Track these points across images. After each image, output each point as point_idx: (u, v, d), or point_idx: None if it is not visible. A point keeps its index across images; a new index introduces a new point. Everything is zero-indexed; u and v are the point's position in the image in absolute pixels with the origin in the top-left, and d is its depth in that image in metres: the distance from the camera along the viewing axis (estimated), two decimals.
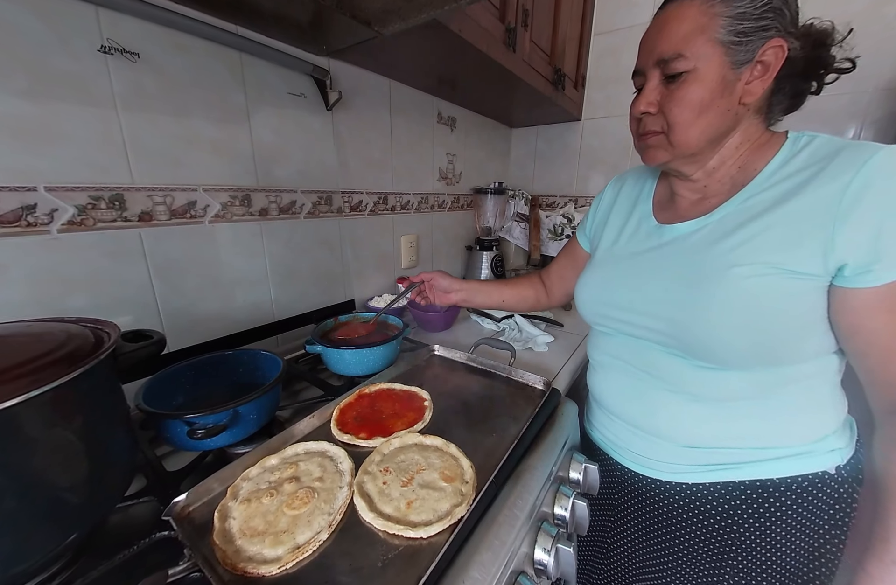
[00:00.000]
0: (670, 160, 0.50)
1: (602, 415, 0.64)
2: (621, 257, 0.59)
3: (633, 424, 0.57)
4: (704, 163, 0.50)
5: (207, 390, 0.59)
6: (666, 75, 0.45)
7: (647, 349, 0.54)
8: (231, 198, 0.74)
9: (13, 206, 0.51)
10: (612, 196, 0.69)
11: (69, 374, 0.32)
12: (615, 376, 0.59)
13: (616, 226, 0.63)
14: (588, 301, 0.62)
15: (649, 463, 0.56)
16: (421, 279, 0.79)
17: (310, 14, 0.66)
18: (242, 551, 0.35)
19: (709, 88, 0.43)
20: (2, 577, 0.30)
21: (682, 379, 0.51)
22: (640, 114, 0.49)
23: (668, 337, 0.50)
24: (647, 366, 0.54)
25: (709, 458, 0.52)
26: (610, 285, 0.59)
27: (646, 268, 0.54)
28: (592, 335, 0.66)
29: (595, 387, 0.65)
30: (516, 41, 0.93)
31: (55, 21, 0.51)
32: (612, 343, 0.60)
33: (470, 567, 0.37)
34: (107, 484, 0.37)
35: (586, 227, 0.73)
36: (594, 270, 0.64)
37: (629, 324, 0.55)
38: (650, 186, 0.62)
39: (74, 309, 0.57)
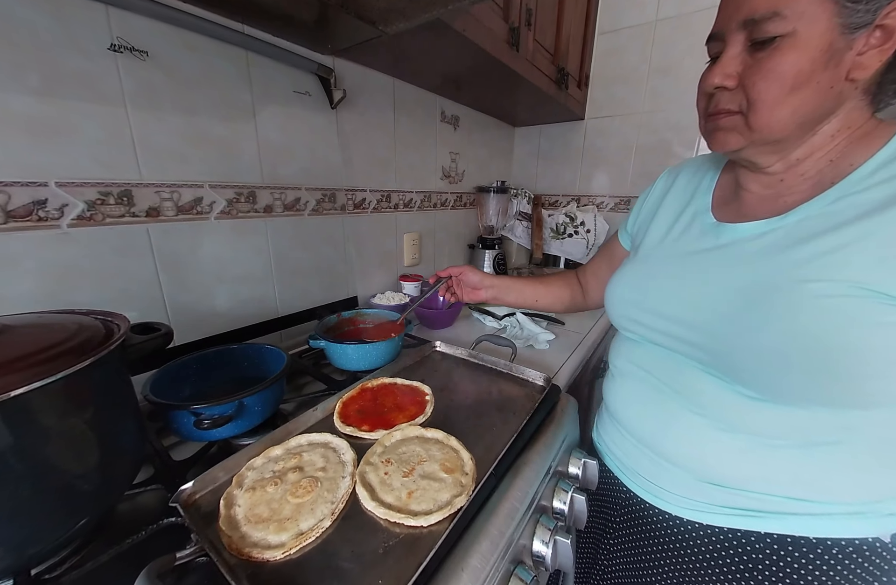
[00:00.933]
0: (744, 146, 0.40)
1: (613, 428, 0.57)
2: (667, 256, 0.51)
3: (647, 445, 0.50)
4: (788, 152, 0.41)
5: (213, 383, 0.60)
6: (753, 40, 0.36)
7: (680, 364, 0.46)
8: (237, 194, 0.75)
9: (25, 201, 0.52)
10: (663, 188, 0.60)
11: (81, 363, 0.33)
12: (635, 387, 0.53)
13: (665, 221, 0.55)
14: (618, 301, 0.55)
15: (658, 492, 0.49)
16: (449, 274, 0.73)
17: (315, 13, 0.67)
18: (247, 537, 0.36)
19: (809, 58, 0.34)
20: (17, 559, 0.31)
21: (716, 404, 0.43)
22: (714, 89, 0.40)
23: (709, 355, 0.42)
24: (675, 383, 0.47)
25: (733, 500, 0.44)
26: (646, 286, 0.51)
27: (694, 272, 0.46)
28: (618, 339, 0.60)
29: (610, 397, 0.58)
30: (520, 40, 0.94)
31: (67, 20, 0.52)
32: (639, 351, 0.53)
33: (469, 555, 0.38)
34: (116, 471, 0.38)
35: (628, 223, 0.65)
36: (631, 267, 0.56)
37: (663, 334, 0.48)
38: (711, 178, 0.53)
39: (83, 302, 0.58)
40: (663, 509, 0.49)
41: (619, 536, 0.58)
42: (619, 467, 0.56)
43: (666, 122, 1.36)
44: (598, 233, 1.49)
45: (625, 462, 0.55)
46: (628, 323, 0.54)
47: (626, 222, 0.66)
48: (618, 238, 0.68)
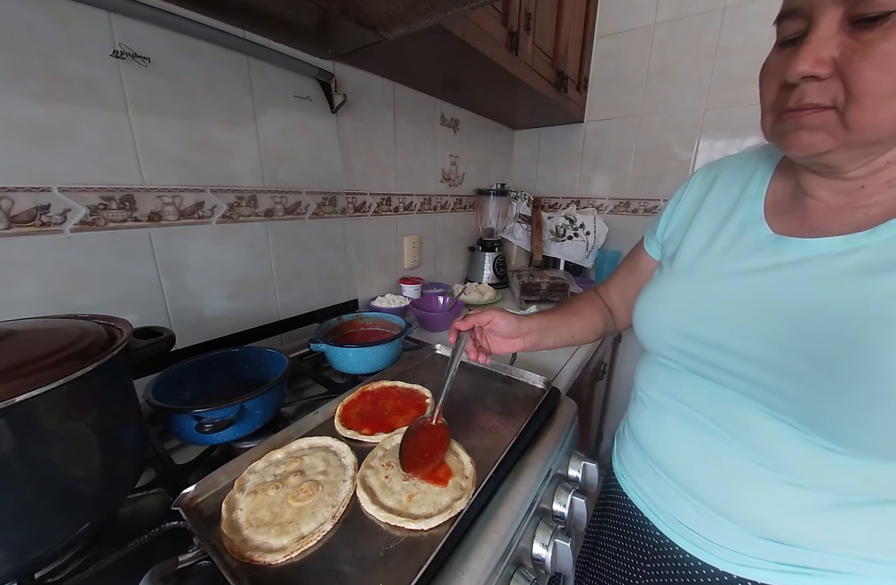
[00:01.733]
0: (835, 148, 0.32)
1: (643, 465, 0.50)
2: (714, 274, 0.43)
3: (691, 492, 0.43)
4: (878, 154, 0.33)
5: (214, 386, 0.60)
6: (858, 17, 0.28)
7: (738, 403, 0.39)
8: (238, 198, 0.75)
9: (28, 206, 0.53)
10: (700, 190, 0.51)
11: (84, 369, 0.33)
12: (675, 424, 0.45)
13: (705, 229, 0.47)
14: (655, 326, 0.47)
15: (703, 544, 0.43)
16: (471, 325, 0.57)
17: (315, 19, 0.67)
18: (249, 540, 0.36)
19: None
20: (20, 562, 0.31)
21: (786, 455, 0.36)
22: (800, 79, 0.31)
23: (784, 401, 0.35)
24: (730, 425, 0.40)
25: (796, 557, 0.38)
26: (691, 310, 0.44)
27: (754, 295, 0.39)
28: (648, 363, 0.52)
29: (641, 430, 0.51)
30: (519, 44, 0.94)
31: (70, 26, 0.53)
32: (678, 382, 0.46)
33: (469, 558, 0.38)
34: (119, 475, 0.38)
35: (658, 229, 0.56)
36: (668, 285, 0.48)
37: (716, 368, 0.41)
38: (761, 180, 0.45)
39: (85, 306, 0.58)
40: (707, 562, 0.42)
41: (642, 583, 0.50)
42: (652, 509, 0.49)
43: (665, 125, 1.37)
44: (597, 236, 1.50)
45: (660, 504, 0.47)
46: (668, 350, 0.46)
47: (653, 228, 0.58)
48: (643, 246, 0.59)
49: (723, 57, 1.22)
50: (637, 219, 1.50)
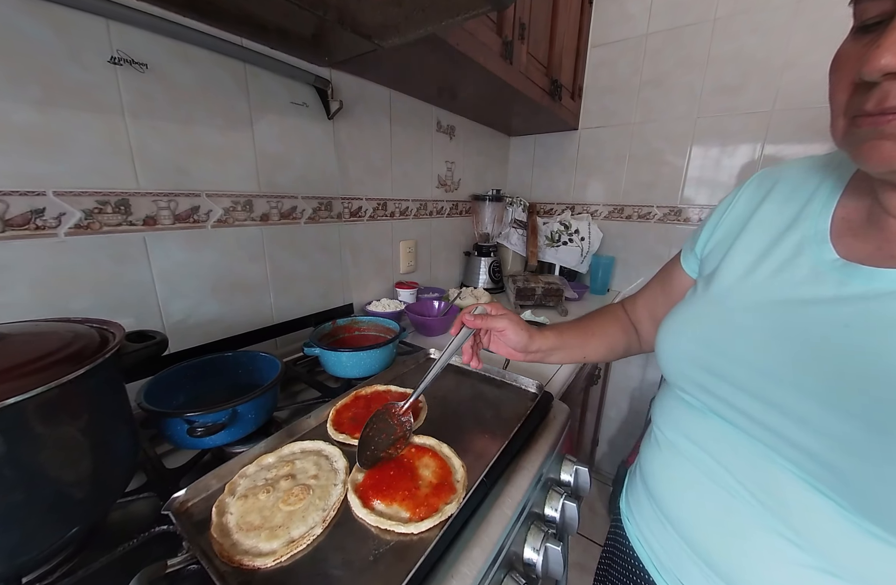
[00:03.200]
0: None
1: (650, 513, 0.44)
2: (757, 301, 0.36)
3: (702, 557, 0.37)
4: None
5: (207, 390, 0.60)
6: None
7: (770, 463, 0.33)
8: (233, 203, 0.76)
9: (23, 210, 0.53)
10: (752, 200, 0.43)
11: (75, 372, 0.33)
12: (690, 473, 0.39)
13: (754, 247, 0.40)
14: (677, 354, 0.41)
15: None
16: (479, 327, 0.51)
17: (312, 28, 0.68)
18: (239, 544, 0.36)
19: None
20: (8, 567, 0.31)
21: (825, 537, 0.30)
22: (881, 76, 0.24)
23: (826, 470, 0.29)
24: (758, 488, 0.34)
25: None
26: (722, 342, 0.37)
27: (805, 334, 0.32)
28: (667, 395, 0.45)
29: (651, 473, 0.45)
30: (513, 54, 0.96)
31: (68, 33, 0.53)
32: (700, 424, 0.39)
33: (460, 562, 0.38)
34: (109, 479, 0.38)
35: (698, 241, 0.48)
36: (698, 308, 0.41)
37: (742, 414, 0.34)
38: (829, 195, 0.37)
39: (79, 310, 0.58)
40: None
41: None
42: (654, 562, 0.43)
43: (657, 133, 1.39)
44: (592, 241, 1.51)
45: (663, 560, 0.42)
46: (689, 385, 0.40)
47: (693, 241, 0.50)
48: (679, 261, 0.52)
49: (714, 66, 1.25)
50: (632, 225, 1.52)
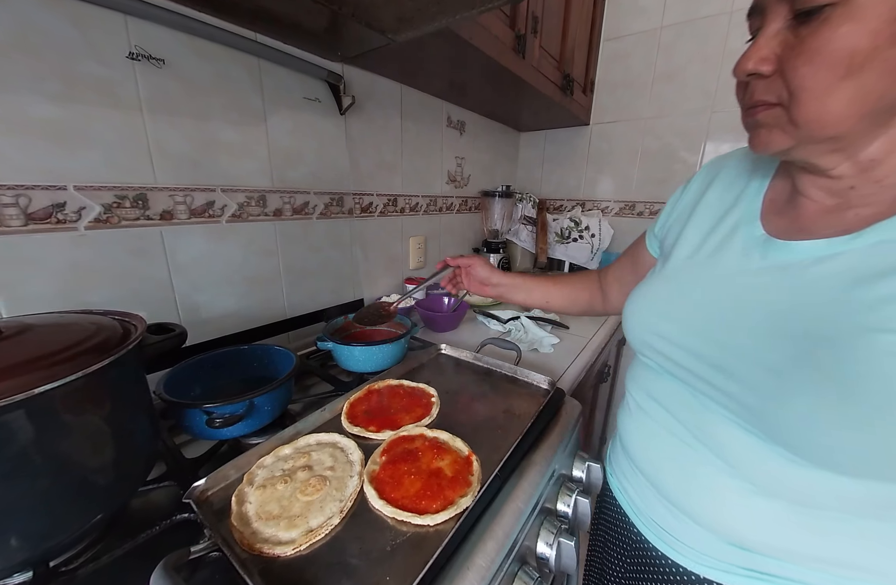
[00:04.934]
0: (793, 146, 0.32)
1: (627, 466, 0.51)
2: (698, 275, 0.43)
3: (665, 495, 0.44)
4: (855, 151, 0.32)
5: (223, 382, 0.61)
6: (797, 12, 0.28)
7: (707, 409, 0.39)
8: (247, 198, 0.76)
9: (44, 204, 0.54)
10: (700, 186, 0.49)
11: (101, 362, 0.34)
12: (652, 428, 0.46)
13: (701, 228, 0.46)
14: (636, 323, 0.48)
15: (675, 544, 0.44)
16: (457, 263, 0.71)
17: (326, 22, 0.68)
18: (259, 533, 0.37)
19: (868, 30, 0.26)
20: (36, 550, 0.32)
21: (750, 466, 0.36)
22: (746, 76, 0.32)
23: (748, 411, 0.34)
24: (699, 431, 0.40)
25: (762, 565, 0.38)
26: (669, 311, 0.43)
27: (730, 300, 0.38)
28: (635, 362, 0.53)
29: (624, 431, 0.52)
30: (526, 47, 0.95)
31: (88, 29, 0.54)
32: (658, 383, 0.46)
33: (475, 554, 0.38)
34: (131, 467, 0.39)
35: (657, 225, 0.56)
36: (655, 284, 0.48)
37: (688, 372, 0.40)
38: (762, 178, 0.43)
39: (97, 302, 0.59)
40: (677, 561, 0.43)
41: (626, 578, 0.52)
42: (633, 509, 0.50)
43: (671, 128, 1.37)
44: (602, 238, 1.50)
45: (639, 505, 0.49)
46: (647, 349, 0.46)
47: (654, 224, 0.57)
48: (644, 241, 0.59)
49: (729, 60, 1.22)
50: (642, 222, 1.50)
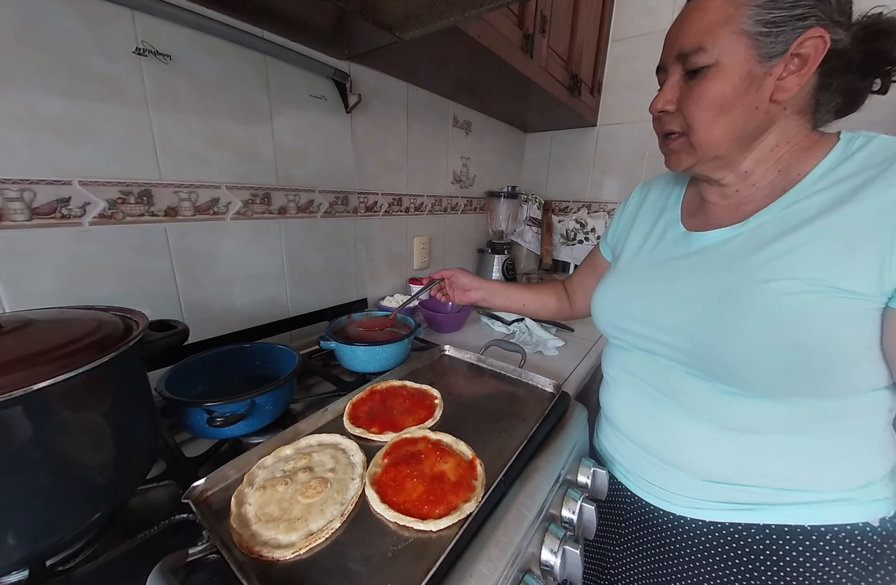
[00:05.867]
0: (695, 164, 0.46)
1: (613, 436, 0.59)
2: (644, 265, 0.55)
3: (647, 450, 0.52)
4: (735, 166, 0.46)
5: (225, 381, 0.60)
6: (687, 70, 0.42)
7: (667, 368, 0.49)
8: (252, 196, 0.76)
9: (49, 199, 0.53)
10: (637, 202, 0.65)
11: (101, 359, 0.33)
12: (629, 394, 0.55)
13: (641, 232, 0.59)
14: (603, 310, 0.58)
15: (662, 494, 0.52)
16: (441, 276, 0.78)
17: (333, 19, 0.68)
18: (258, 535, 0.36)
19: (731, 84, 0.40)
20: (33, 549, 0.31)
21: (703, 405, 0.46)
22: (658, 113, 0.46)
23: (690, 357, 0.45)
24: (665, 388, 0.50)
25: (730, 495, 0.46)
26: (627, 295, 0.55)
27: (668, 279, 0.50)
28: (608, 348, 0.62)
29: (607, 405, 0.61)
30: (534, 47, 0.94)
31: (95, 24, 0.54)
32: (628, 358, 0.56)
33: (478, 561, 0.37)
34: (131, 466, 0.38)
35: (608, 236, 0.69)
36: (613, 278, 0.59)
37: (647, 339, 0.51)
38: (679, 192, 0.58)
39: (101, 298, 0.59)
40: (668, 510, 0.51)
41: (626, 542, 0.59)
42: (624, 473, 0.57)
43: None
44: None
45: (628, 467, 0.56)
46: (615, 330, 0.57)
47: (605, 235, 0.71)
48: (599, 250, 0.72)
49: None
50: None
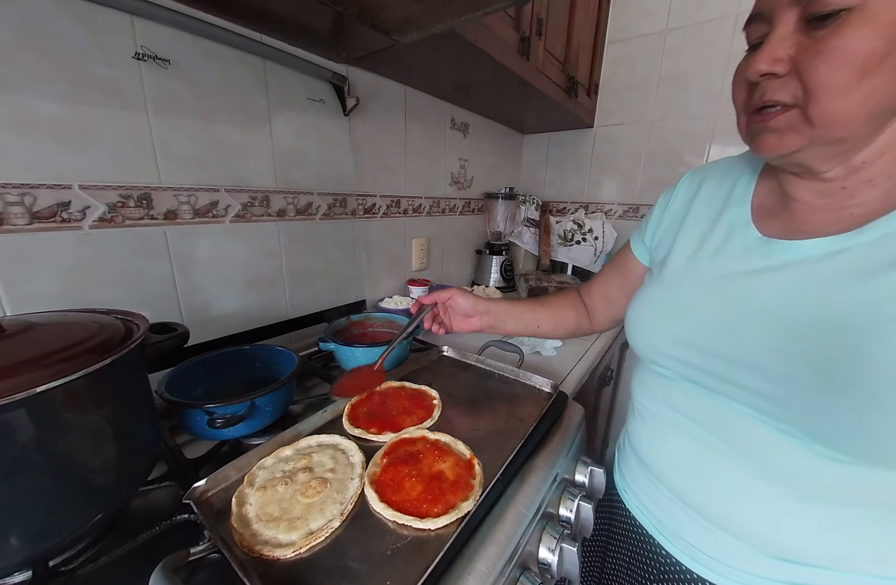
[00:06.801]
0: (803, 147, 0.33)
1: (645, 479, 0.49)
2: (704, 278, 0.43)
3: (692, 506, 0.42)
4: (851, 154, 0.33)
5: (225, 383, 0.61)
6: (811, 16, 0.30)
7: (734, 412, 0.38)
8: (251, 198, 0.76)
9: (49, 203, 0.54)
10: (687, 194, 0.51)
11: (103, 361, 0.33)
12: (673, 436, 0.44)
13: (695, 234, 0.47)
14: (646, 331, 0.47)
15: (707, 562, 0.41)
16: (434, 300, 0.61)
17: (331, 23, 0.68)
18: (259, 535, 0.37)
19: (885, 34, 0.28)
20: (36, 550, 0.32)
21: (788, 468, 0.35)
22: (759, 77, 0.33)
23: (779, 408, 0.34)
24: (728, 436, 0.39)
25: (804, 576, 0.36)
26: (681, 314, 0.43)
27: (744, 299, 0.38)
28: (642, 371, 0.51)
29: (640, 443, 0.50)
30: (530, 50, 0.95)
31: (95, 29, 0.54)
32: (673, 391, 0.45)
33: (476, 560, 0.38)
34: (132, 467, 0.39)
35: (646, 233, 0.55)
36: (659, 289, 0.48)
37: (708, 374, 0.40)
38: (746, 183, 0.45)
39: (101, 301, 0.59)
40: (706, 578, 0.41)
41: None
42: (655, 525, 0.48)
43: (675, 131, 1.37)
44: (606, 241, 1.49)
45: (662, 520, 0.46)
46: (659, 356, 0.45)
47: (641, 233, 0.57)
48: (631, 251, 0.58)
49: (735, 63, 1.21)
50: None
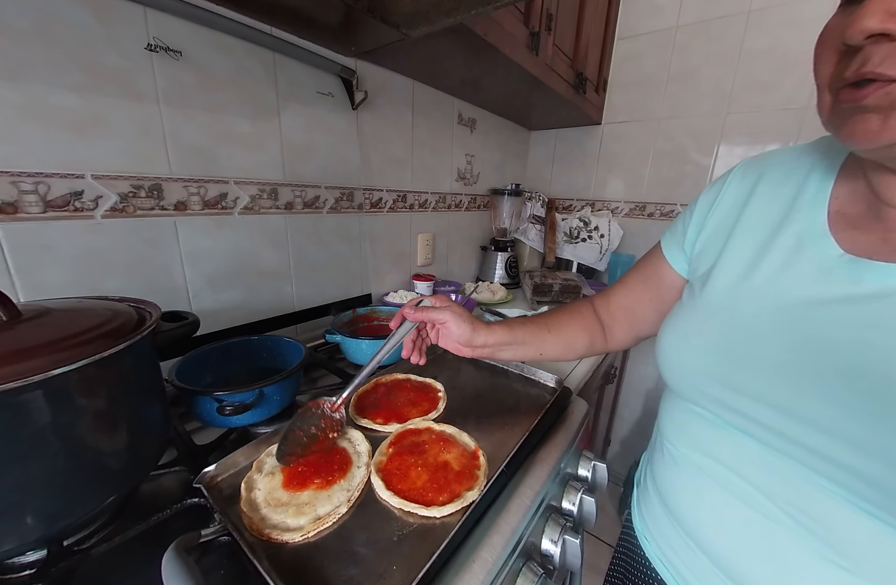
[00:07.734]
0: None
1: (671, 532, 0.41)
2: (765, 303, 0.33)
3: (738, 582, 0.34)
4: None
5: (233, 372, 0.62)
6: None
7: (805, 480, 0.30)
8: (259, 191, 0.77)
9: (63, 192, 0.54)
10: (740, 193, 0.40)
11: (117, 346, 0.34)
12: (718, 495, 0.36)
13: (750, 244, 0.37)
14: (685, 367, 0.38)
15: None
16: (422, 320, 0.49)
17: (341, 17, 0.68)
18: (268, 519, 0.37)
19: None
20: (51, 529, 0.32)
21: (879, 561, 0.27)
22: (865, 40, 0.23)
23: (870, 487, 0.26)
24: (794, 508, 0.30)
25: None
26: (736, 351, 0.34)
27: (827, 338, 0.29)
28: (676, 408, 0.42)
29: (669, 491, 0.41)
30: (540, 45, 0.95)
31: (107, 20, 0.54)
32: (716, 438, 0.36)
33: (480, 548, 0.38)
34: (143, 451, 0.40)
35: (686, 237, 0.44)
36: (702, 314, 0.38)
37: (768, 429, 0.31)
38: (820, 183, 0.35)
39: (111, 289, 0.60)
40: None
41: None
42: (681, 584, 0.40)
43: (684, 129, 1.36)
44: (611, 239, 1.49)
45: (691, 582, 0.39)
46: (702, 399, 0.37)
47: (677, 237, 0.46)
48: (664, 258, 0.47)
49: (746, 61, 1.21)
50: (653, 223, 1.49)
